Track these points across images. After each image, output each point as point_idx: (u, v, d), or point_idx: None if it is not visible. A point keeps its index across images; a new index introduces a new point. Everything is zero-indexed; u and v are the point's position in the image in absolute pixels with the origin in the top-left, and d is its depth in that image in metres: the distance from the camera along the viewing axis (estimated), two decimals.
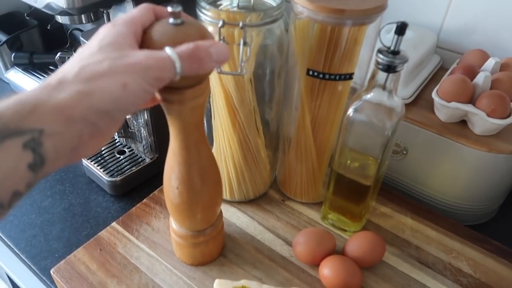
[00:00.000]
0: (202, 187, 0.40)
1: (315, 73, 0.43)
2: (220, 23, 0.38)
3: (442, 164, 0.55)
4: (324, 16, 0.38)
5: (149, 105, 0.34)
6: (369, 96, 0.42)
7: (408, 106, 0.56)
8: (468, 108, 0.51)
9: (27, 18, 0.80)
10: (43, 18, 0.77)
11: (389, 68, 0.38)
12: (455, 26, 0.64)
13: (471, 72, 0.54)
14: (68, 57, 0.70)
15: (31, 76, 0.78)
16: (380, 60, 0.38)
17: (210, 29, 0.41)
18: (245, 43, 0.39)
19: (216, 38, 0.39)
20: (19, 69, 0.79)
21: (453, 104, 0.51)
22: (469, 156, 0.52)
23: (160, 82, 0.28)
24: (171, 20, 0.30)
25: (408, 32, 0.60)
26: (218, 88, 0.45)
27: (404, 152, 0.57)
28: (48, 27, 0.70)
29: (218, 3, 0.47)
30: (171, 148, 0.38)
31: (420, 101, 0.58)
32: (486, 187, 0.56)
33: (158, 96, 0.34)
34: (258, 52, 0.44)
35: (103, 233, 0.51)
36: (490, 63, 0.55)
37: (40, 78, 0.77)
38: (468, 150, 0.52)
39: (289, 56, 0.47)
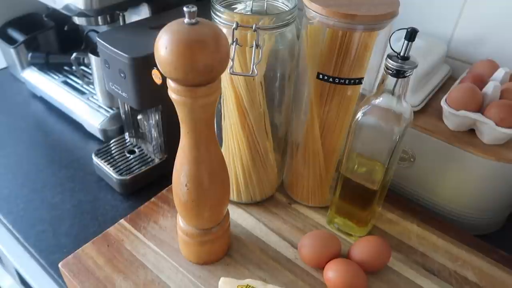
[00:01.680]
0: (210, 186, 0.41)
1: (325, 77, 0.44)
2: (234, 25, 0.39)
3: (450, 172, 0.55)
4: (335, 20, 0.39)
5: None
6: (378, 101, 0.42)
7: (416, 113, 0.56)
8: (477, 116, 0.51)
9: (45, 19, 0.83)
10: (60, 19, 0.79)
11: (398, 73, 0.39)
12: (465, 36, 0.64)
13: (481, 82, 0.55)
14: (83, 58, 0.71)
15: (46, 76, 0.79)
16: (389, 65, 0.39)
17: (224, 31, 0.42)
18: (257, 46, 0.39)
19: (230, 40, 0.40)
20: (35, 69, 0.81)
21: (462, 113, 0.51)
22: (477, 165, 0.53)
23: None
24: (186, 19, 0.31)
25: (418, 41, 0.60)
26: (229, 90, 0.46)
27: (412, 159, 0.58)
28: (65, 28, 0.72)
29: (233, 7, 0.48)
30: (181, 146, 0.39)
31: (429, 109, 0.58)
32: (494, 197, 0.55)
33: (171, 94, 0.34)
34: (269, 56, 0.45)
35: (111, 229, 0.52)
36: (500, 73, 0.55)
37: (55, 78, 0.79)
38: (476, 159, 0.52)
39: (300, 60, 0.48)
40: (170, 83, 0.34)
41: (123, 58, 0.51)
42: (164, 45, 0.31)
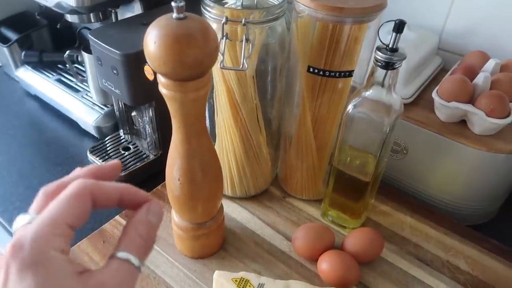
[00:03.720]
0: (203, 179, 0.41)
1: (316, 70, 0.44)
2: (223, 20, 0.39)
3: (442, 163, 0.56)
4: (324, 14, 0.39)
5: None
6: (368, 93, 0.43)
7: (408, 106, 0.57)
8: (468, 107, 0.51)
9: (38, 17, 0.82)
10: (53, 17, 0.79)
11: (388, 65, 0.39)
12: (456, 28, 0.64)
13: (471, 73, 0.55)
14: (77, 56, 0.72)
15: (40, 74, 0.79)
16: (378, 57, 0.39)
17: (214, 25, 0.42)
18: (247, 40, 0.40)
19: (220, 34, 0.40)
20: (29, 67, 0.81)
21: (453, 104, 0.52)
22: (469, 155, 0.53)
23: None
24: (174, 14, 0.32)
25: (410, 33, 0.61)
26: (221, 84, 0.46)
27: (405, 151, 0.58)
28: (58, 26, 0.71)
29: (223, 1, 0.48)
30: (173, 140, 0.39)
31: (420, 101, 0.58)
32: (486, 187, 0.56)
33: (162, 89, 0.35)
34: (260, 50, 0.45)
35: (107, 225, 0.52)
36: (490, 64, 0.56)
37: (49, 76, 0.79)
38: (467, 149, 0.52)
39: (290, 54, 0.48)
40: (160, 78, 0.34)
41: (115, 55, 0.51)
42: (152, 40, 0.31)
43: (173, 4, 0.31)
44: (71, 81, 0.78)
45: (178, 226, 0.46)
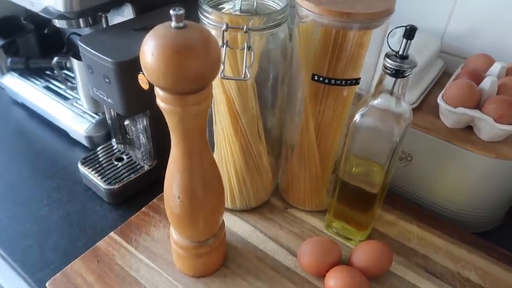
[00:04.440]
0: (205, 196, 0.39)
1: (320, 78, 0.42)
2: (224, 27, 0.37)
3: (448, 170, 0.54)
4: (330, 19, 0.37)
5: None
6: (376, 101, 0.41)
7: (413, 110, 0.55)
8: (475, 113, 0.50)
9: (24, 22, 0.79)
10: (39, 22, 0.76)
11: (398, 73, 0.37)
12: (458, 31, 0.63)
13: (477, 77, 0.53)
14: (65, 62, 0.69)
15: (27, 81, 0.76)
16: (388, 65, 0.37)
17: (213, 32, 0.40)
18: (249, 48, 0.37)
19: (220, 42, 0.38)
20: (15, 74, 0.77)
21: (460, 110, 0.50)
22: (476, 162, 0.51)
23: None
24: (173, 23, 0.29)
25: None
26: (220, 93, 0.44)
27: (409, 158, 0.56)
28: (45, 31, 0.68)
29: (220, 6, 0.46)
30: (172, 156, 0.37)
31: (424, 106, 0.57)
32: (493, 194, 0.55)
33: (160, 103, 0.32)
34: (261, 57, 0.43)
35: (101, 243, 0.49)
36: (496, 67, 0.54)
37: (36, 84, 0.76)
38: (475, 156, 0.51)
39: (293, 61, 0.46)
40: (158, 91, 0.32)
41: (107, 63, 0.49)
42: (150, 51, 0.29)
43: (172, 12, 0.29)
44: (60, 88, 0.75)
45: (177, 244, 0.43)
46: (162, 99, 0.32)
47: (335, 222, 0.51)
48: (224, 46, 0.38)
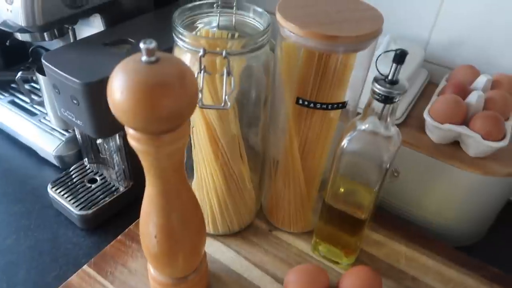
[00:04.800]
0: (184, 235, 0.36)
1: (305, 102, 0.39)
2: (201, 52, 0.34)
3: (435, 186, 0.53)
4: (315, 42, 0.35)
5: None
6: (364, 126, 0.38)
7: (398, 126, 0.53)
8: (462, 130, 0.48)
9: None
10: (2, 32, 0.71)
11: (387, 99, 0.35)
12: (442, 40, 0.62)
13: (463, 90, 0.52)
14: (31, 77, 0.64)
15: None
16: (376, 90, 0.35)
17: (188, 56, 0.37)
18: (228, 74, 0.35)
19: (196, 67, 0.35)
20: None
21: (447, 126, 0.49)
22: (463, 178, 0.50)
23: None
24: (144, 57, 0.26)
25: (395, 47, 0.58)
26: (199, 118, 0.41)
27: (395, 174, 0.55)
28: (7, 43, 0.64)
29: (197, 23, 0.43)
30: (147, 194, 0.34)
31: (410, 120, 0.55)
32: (479, 209, 0.54)
33: (131, 141, 0.29)
34: (242, 74, 0.40)
35: (73, 278, 0.46)
36: (482, 80, 0.53)
37: (1, 98, 0.71)
38: (462, 172, 0.50)
39: (275, 79, 0.43)
40: (129, 130, 0.29)
41: (75, 84, 0.45)
42: (119, 88, 0.26)
43: (142, 46, 0.26)
44: (27, 102, 0.70)
45: (156, 281, 0.40)
46: (133, 138, 0.29)
47: (322, 245, 0.49)
48: (202, 72, 0.35)
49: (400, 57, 0.33)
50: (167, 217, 0.34)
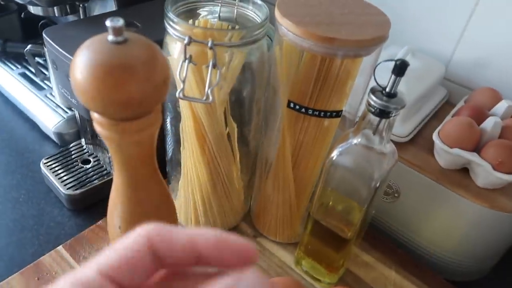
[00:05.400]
0: None
1: (297, 107, 0.37)
2: (186, 40, 0.32)
3: (437, 213, 0.49)
4: (311, 43, 0.32)
5: None
6: (356, 140, 0.36)
7: (404, 144, 0.50)
8: (472, 157, 0.44)
9: (2, 3, 0.74)
10: (22, 5, 0.71)
11: (383, 114, 0.32)
12: (466, 58, 0.57)
13: (480, 115, 0.48)
14: (41, 51, 0.64)
15: (4, 66, 0.72)
16: (372, 102, 0.32)
17: (178, 45, 0.35)
18: (214, 66, 0.32)
19: (181, 57, 0.33)
20: None
21: (456, 151, 0.45)
22: (468, 209, 0.46)
23: None
24: (110, 37, 0.24)
25: (414, 61, 0.54)
26: (186, 109, 0.39)
27: (396, 195, 0.51)
28: (22, 16, 0.64)
29: (199, 11, 0.41)
30: (114, 183, 0.32)
31: (419, 139, 0.51)
32: (484, 245, 0.49)
33: (95, 125, 0.28)
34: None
35: (45, 257, 0.45)
36: (502, 106, 0.49)
37: (13, 69, 0.71)
38: (467, 203, 0.46)
39: (270, 80, 0.41)
40: (93, 113, 0.27)
41: (70, 61, 0.44)
42: (79, 68, 0.24)
43: (108, 23, 0.24)
44: (37, 76, 0.70)
45: None
46: (96, 122, 0.27)
47: (305, 259, 0.47)
48: (186, 62, 0.33)
49: (400, 69, 0.30)
50: (133, 210, 0.32)
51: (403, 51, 0.52)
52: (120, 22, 0.24)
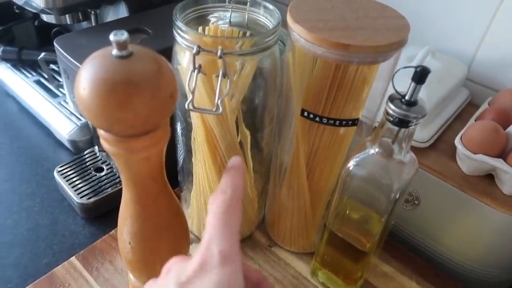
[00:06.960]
0: (159, 245, 0.33)
1: (311, 115, 0.35)
2: (195, 50, 0.31)
3: (460, 221, 0.47)
4: (324, 50, 0.31)
5: None
6: (374, 150, 0.34)
7: (425, 150, 0.48)
8: (498, 164, 0.42)
9: (16, 11, 0.75)
10: (36, 13, 0.71)
11: (402, 123, 0.30)
12: (490, 57, 0.55)
13: (505, 118, 0.46)
14: (55, 58, 0.64)
15: (19, 74, 0.72)
16: (390, 111, 0.30)
17: (187, 54, 0.34)
18: (224, 75, 0.31)
19: (190, 66, 0.32)
20: (8, 65, 0.74)
21: (480, 157, 0.43)
22: (493, 218, 0.44)
23: None
24: (114, 51, 0.23)
25: (435, 62, 0.52)
26: (197, 119, 0.38)
27: (416, 202, 0.49)
28: (36, 23, 0.64)
29: (209, 17, 0.40)
30: (123, 198, 0.31)
31: (440, 144, 0.49)
32: (508, 254, 0.47)
33: (102, 142, 0.27)
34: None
35: (59, 269, 0.45)
36: None
37: (28, 77, 0.71)
38: (493, 211, 0.43)
39: (284, 85, 0.39)
40: (99, 130, 0.26)
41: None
42: (82, 84, 0.23)
43: (112, 37, 0.23)
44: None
45: (134, 287, 0.38)
46: (103, 138, 0.26)
47: (321, 270, 0.45)
48: (196, 72, 0.31)
49: (420, 76, 0.28)
50: (141, 225, 0.31)
51: (423, 52, 0.50)
52: (124, 36, 0.23)
